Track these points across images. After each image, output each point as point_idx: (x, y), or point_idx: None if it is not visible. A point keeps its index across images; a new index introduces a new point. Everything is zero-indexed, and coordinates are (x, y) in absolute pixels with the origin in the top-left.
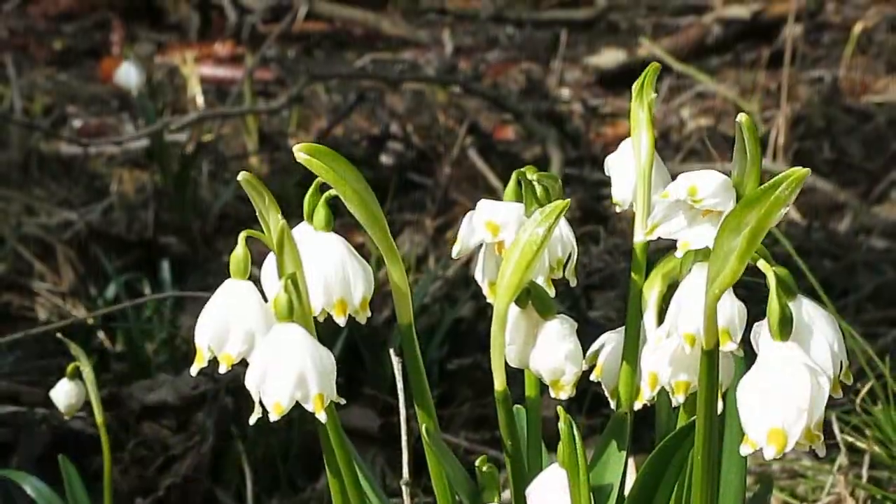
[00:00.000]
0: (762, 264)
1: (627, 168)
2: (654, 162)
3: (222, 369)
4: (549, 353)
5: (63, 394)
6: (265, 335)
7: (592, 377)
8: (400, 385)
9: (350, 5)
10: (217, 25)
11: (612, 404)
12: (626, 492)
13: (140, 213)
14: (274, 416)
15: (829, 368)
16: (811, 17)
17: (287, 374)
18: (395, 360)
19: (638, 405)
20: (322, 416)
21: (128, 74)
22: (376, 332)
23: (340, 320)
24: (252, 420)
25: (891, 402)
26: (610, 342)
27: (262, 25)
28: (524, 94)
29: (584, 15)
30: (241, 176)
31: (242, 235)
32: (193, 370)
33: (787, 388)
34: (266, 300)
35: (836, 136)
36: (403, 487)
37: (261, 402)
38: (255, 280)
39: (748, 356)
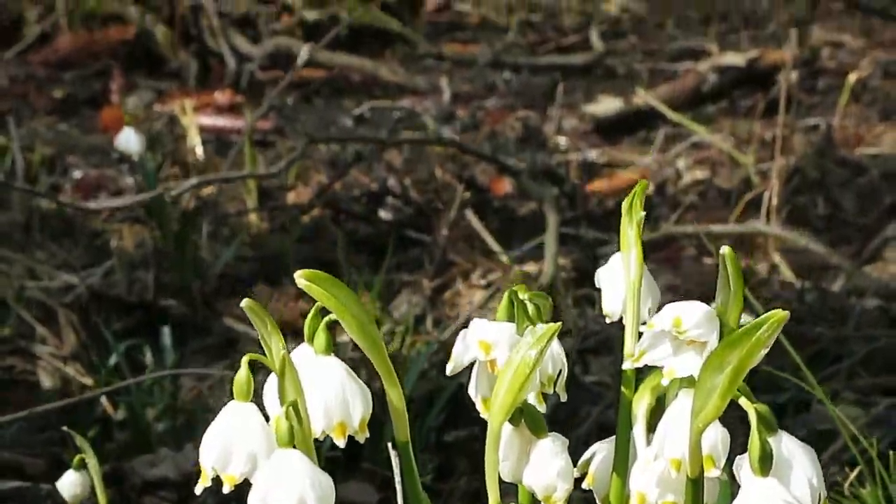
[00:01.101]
0: (744, 402)
1: (617, 282)
2: (644, 276)
3: (226, 489)
4: (542, 470)
5: (69, 485)
6: (268, 456)
7: (584, 485)
8: (397, 472)
9: (348, 52)
10: (216, 73)
11: None
12: None
13: (140, 273)
14: None
15: (807, 503)
16: (806, 64)
17: (287, 499)
18: (392, 453)
19: None
20: None
21: (129, 140)
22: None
23: (340, 442)
24: None
25: (878, 483)
26: (601, 451)
27: (262, 73)
28: (521, 142)
29: (582, 60)
30: (244, 303)
31: (245, 360)
32: (198, 489)
33: None
34: (268, 418)
35: (830, 188)
36: None
37: None
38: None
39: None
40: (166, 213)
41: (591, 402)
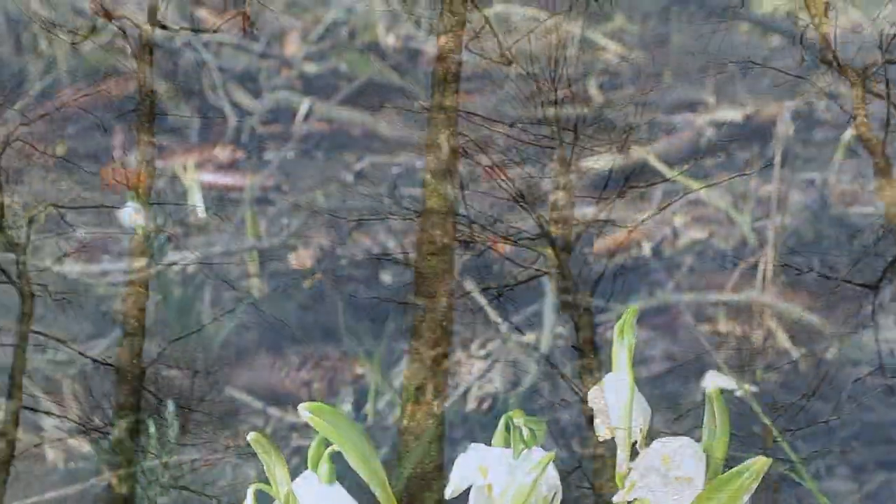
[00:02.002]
0: None
1: (608, 402)
2: (634, 396)
3: None
4: None
5: None
6: None
7: None
8: None
9: (348, 105)
10: (217, 128)
11: None
12: None
13: (143, 342)
14: None
15: None
16: (803, 118)
17: None
18: None
19: None
20: None
21: (131, 215)
22: None
23: None
24: None
25: None
26: None
27: (262, 127)
28: (519, 199)
29: (579, 112)
30: (251, 437)
31: (251, 489)
32: None
33: None
34: None
35: (825, 249)
36: None
37: None
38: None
39: None
40: (167, 282)
41: (591, 476)
